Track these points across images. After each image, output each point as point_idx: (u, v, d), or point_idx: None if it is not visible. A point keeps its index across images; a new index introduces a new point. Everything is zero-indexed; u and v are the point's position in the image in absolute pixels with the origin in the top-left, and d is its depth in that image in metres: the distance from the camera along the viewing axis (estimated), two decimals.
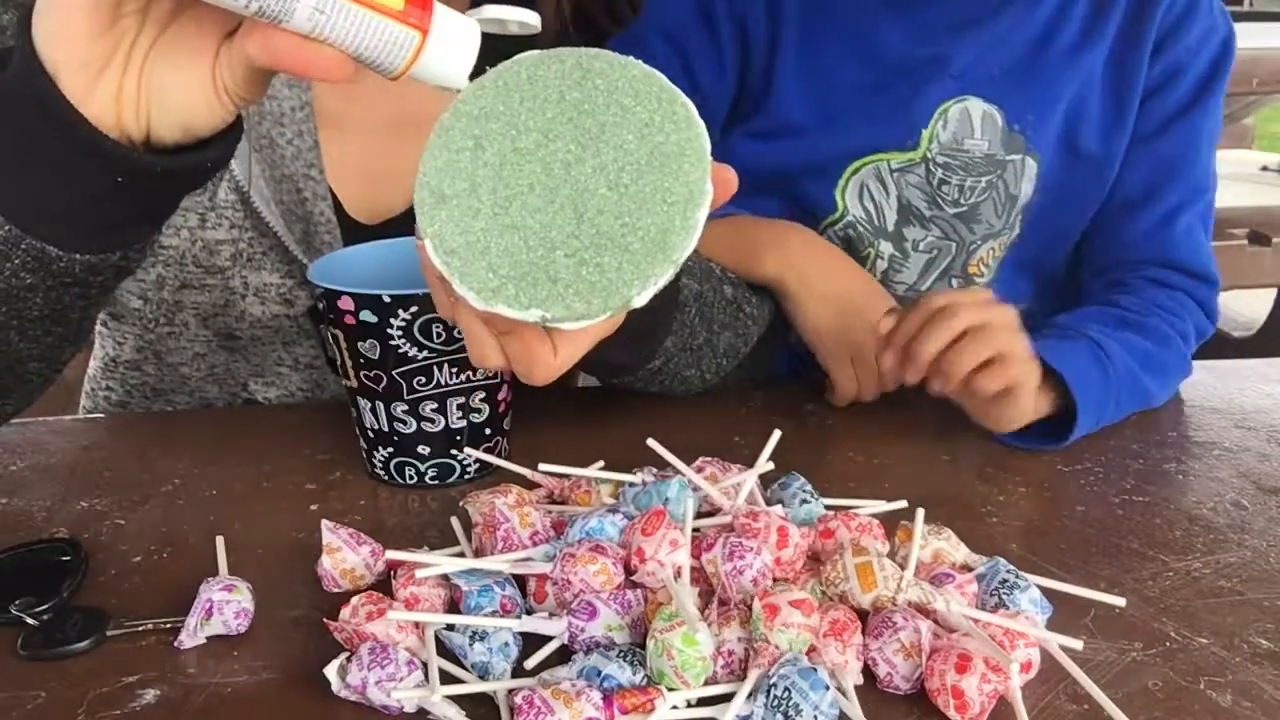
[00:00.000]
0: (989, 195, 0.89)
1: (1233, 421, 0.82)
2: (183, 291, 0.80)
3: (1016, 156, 0.89)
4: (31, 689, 0.51)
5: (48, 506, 0.69)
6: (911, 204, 0.90)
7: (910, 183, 0.90)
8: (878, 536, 0.57)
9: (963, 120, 0.88)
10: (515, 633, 0.52)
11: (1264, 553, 0.63)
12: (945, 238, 0.91)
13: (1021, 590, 0.54)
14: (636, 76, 0.45)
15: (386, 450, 0.69)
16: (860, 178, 0.90)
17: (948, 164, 0.88)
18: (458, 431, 0.69)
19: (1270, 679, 0.51)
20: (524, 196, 0.44)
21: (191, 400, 0.87)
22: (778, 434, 0.63)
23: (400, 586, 0.55)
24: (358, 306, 0.64)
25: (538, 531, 0.59)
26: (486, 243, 0.44)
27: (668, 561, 0.53)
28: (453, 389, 0.67)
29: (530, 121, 0.45)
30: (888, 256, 0.92)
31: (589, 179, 0.44)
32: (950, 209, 0.90)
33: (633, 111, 0.45)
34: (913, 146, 0.89)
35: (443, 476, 0.70)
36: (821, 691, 0.46)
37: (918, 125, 0.88)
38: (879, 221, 0.91)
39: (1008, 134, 0.88)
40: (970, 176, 0.88)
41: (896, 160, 0.89)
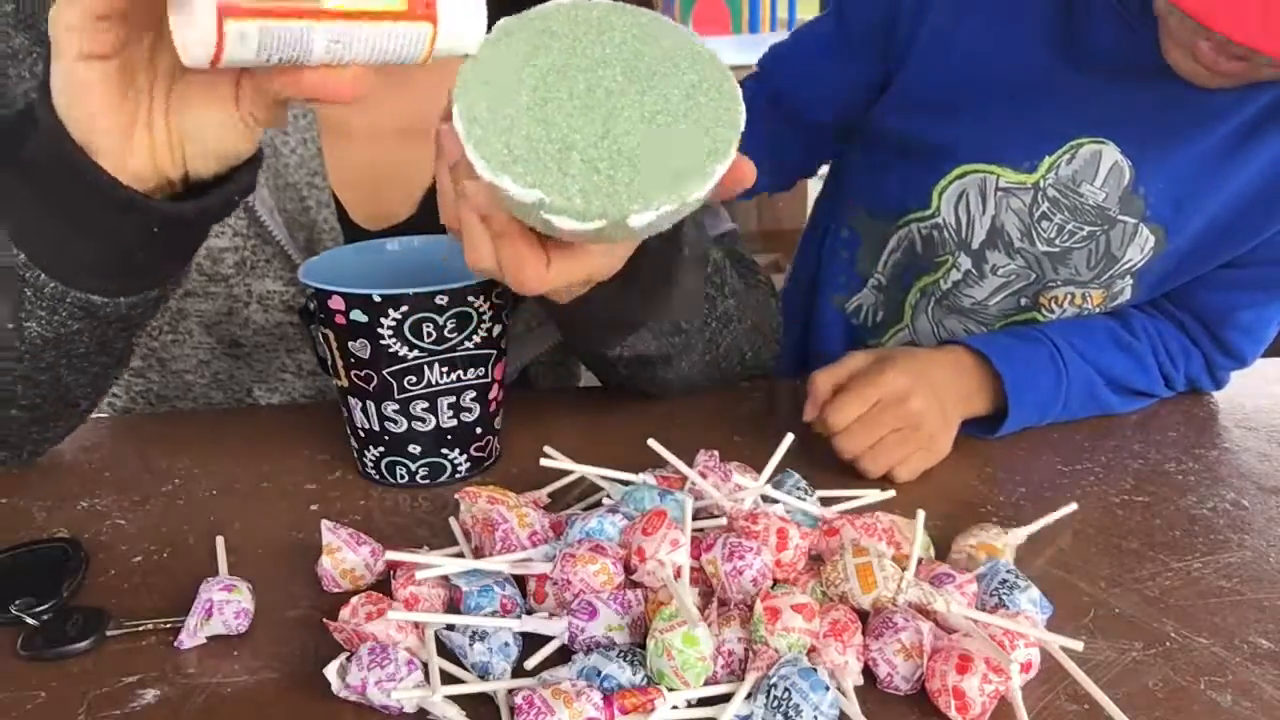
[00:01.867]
0: (1087, 245, 0.83)
1: (1233, 421, 0.82)
2: (186, 299, 0.80)
3: (1131, 219, 0.81)
4: (31, 689, 0.51)
5: (48, 506, 0.69)
6: (1004, 228, 0.85)
7: (1011, 206, 0.84)
8: (881, 537, 0.57)
9: (1090, 163, 0.81)
10: (515, 633, 0.52)
11: (1264, 553, 0.63)
12: (1027, 268, 0.86)
13: (1021, 590, 0.54)
14: (699, 49, 0.49)
15: (377, 450, 0.70)
16: (963, 184, 0.85)
17: (1056, 200, 0.82)
18: (449, 431, 0.69)
19: (1270, 679, 0.51)
20: (561, 101, 0.47)
21: (196, 406, 0.87)
22: (790, 438, 0.63)
23: (400, 586, 0.55)
24: (348, 306, 0.64)
25: (536, 532, 0.59)
26: (511, 124, 0.46)
27: (668, 561, 0.53)
28: (443, 388, 0.67)
29: (589, 49, 0.48)
30: (964, 271, 0.88)
31: (627, 108, 0.47)
32: (1042, 245, 0.84)
33: (685, 72, 0.48)
34: (1029, 170, 0.82)
35: (434, 476, 0.70)
36: (821, 692, 0.46)
37: (1044, 151, 0.82)
38: (966, 234, 0.87)
39: (1129, 194, 0.81)
40: (1074, 220, 0.82)
41: (1007, 178, 0.83)
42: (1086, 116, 0.80)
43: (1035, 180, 0.82)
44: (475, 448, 0.71)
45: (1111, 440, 0.78)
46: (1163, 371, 0.84)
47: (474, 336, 0.66)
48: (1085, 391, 0.80)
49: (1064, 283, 0.85)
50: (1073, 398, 0.79)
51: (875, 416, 0.71)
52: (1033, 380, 0.78)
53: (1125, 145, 0.80)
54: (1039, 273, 0.86)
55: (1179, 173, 0.80)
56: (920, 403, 0.72)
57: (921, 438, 0.71)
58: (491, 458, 0.73)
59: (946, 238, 0.88)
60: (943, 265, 0.89)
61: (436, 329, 0.64)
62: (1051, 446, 0.77)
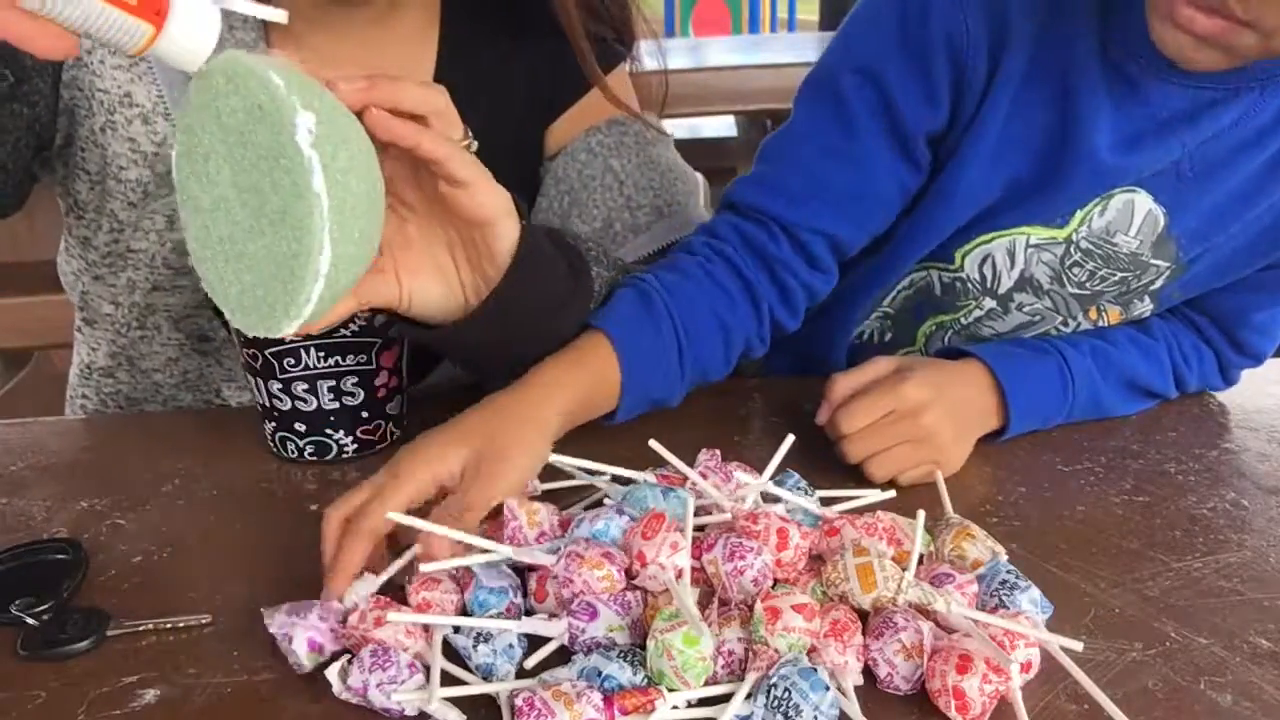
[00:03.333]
0: (1118, 288, 0.81)
1: (1233, 421, 0.82)
2: (154, 294, 0.81)
3: (1163, 263, 0.79)
4: (31, 689, 0.51)
5: (48, 506, 0.69)
6: (1034, 277, 0.81)
7: (1042, 259, 0.80)
8: (882, 537, 0.57)
9: (1123, 212, 0.77)
10: (518, 634, 0.52)
11: (1264, 553, 0.63)
12: (1054, 310, 0.83)
13: (1022, 591, 0.54)
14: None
15: (271, 424, 0.74)
16: (989, 248, 0.81)
17: (1089, 251, 0.79)
18: (331, 412, 0.72)
19: (1270, 679, 0.51)
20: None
21: (164, 409, 0.87)
22: (791, 439, 0.63)
23: (413, 591, 0.55)
24: None
25: (544, 532, 0.59)
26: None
27: (669, 564, 0.53)
28: (321, 372, 0.71)
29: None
30: (986, 309, 0.85)
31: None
32: (1072, 289, 0.81)
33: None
34: (1061, 225, 0.78)
35: (320, 453, 0.74)
36: (821, 692, 0.46)
37: (1075, 206, 0.77)
38: (991, 285, 0.83)
39: (1164, 238, 0.78)
40: (1106, 268, 0.80)
41: (1038, 235, 0.79)
42: (1125, 172, 0.76)
43: (1068, 235, 0.79)
44: (362, 430, 0.74)
45: (1111, 440, 0.78)
46: (1176, 373, 0.84)
47: (350, 324, 0.69)
48: (1090, 402, 0.80)
49: (1084, 310, 0.84)
50: (1076, 408, 0.79)
51: (886, 427, 0.70)
52: (1040, 397, 0.77)
53: (1158, 193, 0.77)
54: (1065, 313, 0.84)
55: (1208, 212, 0.77)
56: (933, 418, 0.71)
57: (931, 450, 0.71)
58: (386, 441, 0.76)
59: (970, 288, 0.84)
60: (965, 308, 0.85)
61: None
62: (1051, 446, 0.77)
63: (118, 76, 0.75)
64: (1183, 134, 0.73)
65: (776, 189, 0.79)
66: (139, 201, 0.78)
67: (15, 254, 1.89)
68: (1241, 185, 0.76)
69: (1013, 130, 0.75)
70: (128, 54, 0.48)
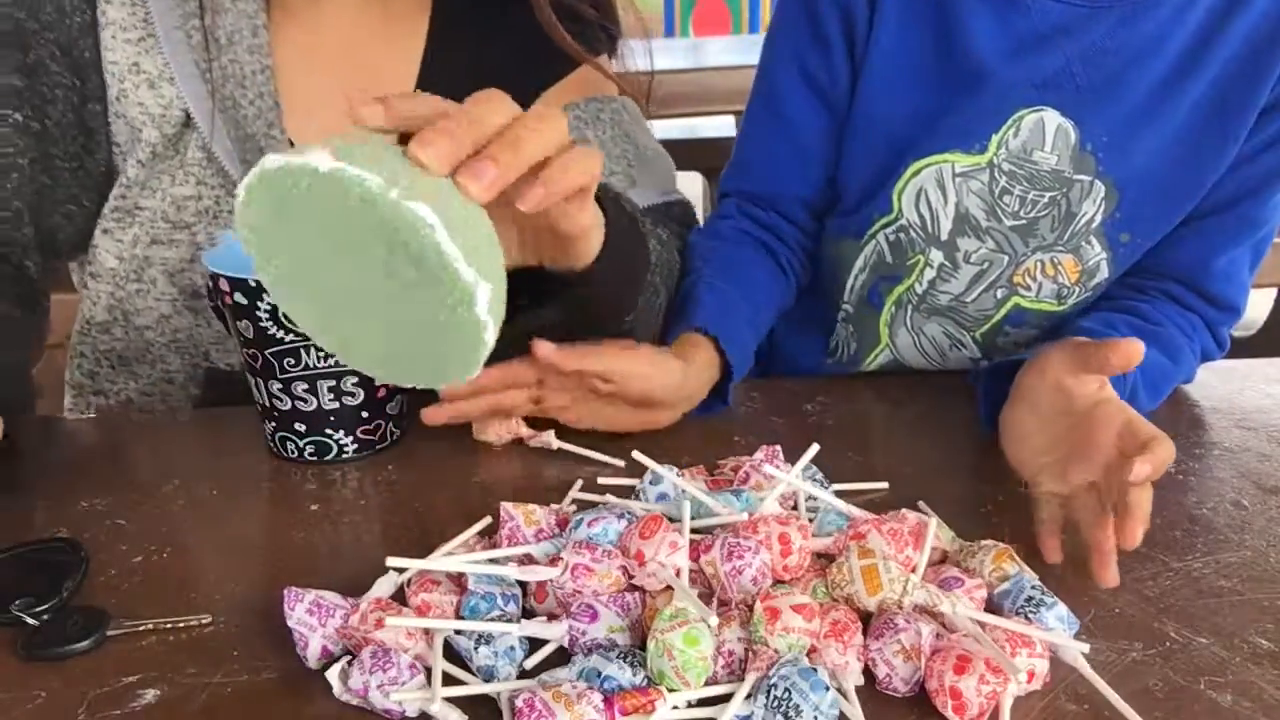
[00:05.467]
0: (1049, 211, 0.85)
1: (1233, 421, 0.82)
2: (152, 247, 0.84)
3: (1085, 177, 0.84)
4: (31, 689, 0.51)
5: (48, 506, 0.69)
6: (969, 213, 0.86)
7: (971, 189, 0.85)
8: (908, 541, 0.56)
9: (1035, 130, 0.83)
10: (519, 636, 0.52)
11: (1264, 553, 0.63)
12: (998, 250, 0.87)
13: (1049, 607, 0.53)
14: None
15: (271, 424, 0.73)
16: (920, 181, 0.87)
17: (1013, 173, 0.84)
18: (331, 412, 0.72)
19: (1270, 679, 0.51)
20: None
21: (153, 371, 0.89)
22: (815, 448, 0.62)
23: (412, 594, 0.55)
24: (231, 289, 0.67)
25: (543, 529, 0.59)
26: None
27: (668, 564, 0.53)
28: (321, 372, 0.70)
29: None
30: (937, 265, 0.89)
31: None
32: (1009, 220, 0.86)
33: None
34: (980, 150, 0.85)
35: (320, 454, 0.73)
36: (822, 692, 0.46)
37: (989, 129, 0.84)
38: (933, 229, 0.88)
39: (1079, 153, 0.83)
40: (1034, 189, 0.84)
41: (962, 163, 0.85)
42: (1025, 88, 0.83)
43: (989, 159, 0.85)
44: (362, 430, 0.73)
45: None
46: (1189, 347, 0.84)
47: None
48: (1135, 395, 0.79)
49: (1033, 251, 0.87)
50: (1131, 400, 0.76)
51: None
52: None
53: (1063, 107, 0.83)
54: (1010, 252, 0.87)
55: (1117, 122, 0.83)
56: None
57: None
58: (387, 441, 0.75)
59: (914, 236, 0.88)
60: (915, 267, 0.89)
61: None
62: None
63: (126, 49, 0.79)
64: (1063, 43, 0.82)
65: (744, 168, 0.93)
66: (148, 161, 0.81)
67: None
68: (1144, 97, 0.82)
69: (902, 55, 0.85)
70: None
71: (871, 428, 0.81)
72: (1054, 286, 0.88)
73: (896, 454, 0.76)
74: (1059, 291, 0.88)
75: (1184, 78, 0.81)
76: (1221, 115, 0.82)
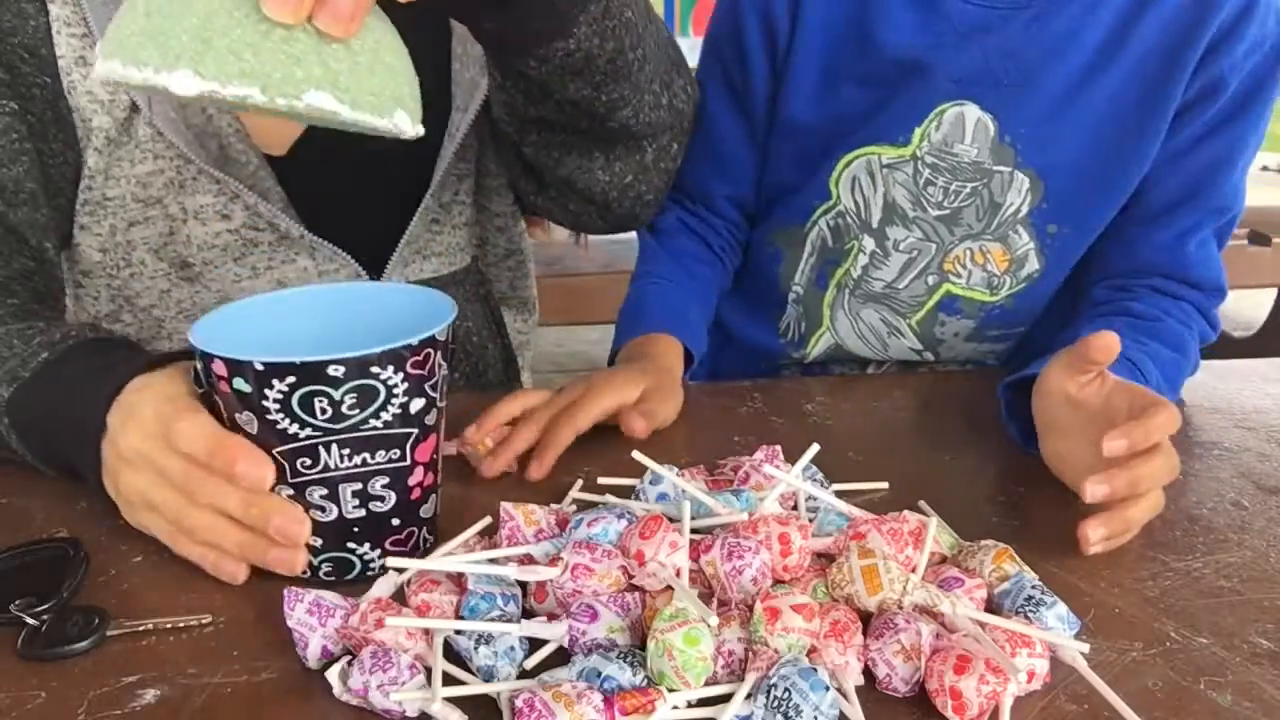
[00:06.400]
0: (973, 202, 0.89)
1: (1233, 421, 0.82)
2: (131, 230, 0.85)
3: (1005, 168, 0.88)
4: (31, 689, 0.51)
5: (48, 506, 0.69)
6: (896, 202, 0.90)
7: (897, 180, 0.90)
8: (908, 541, 0.56)
9: (956, 124, 0.87)
10: (519, 636, 0.52)
11: (1264, 553, 0.63)
12: (925, 239, 0.91)
13: (1048, 607, 0.53)
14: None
15: None
16: (853, 170, 0.91)
17: (935, 165, 0.88)
18: (355, 522, 0.58)
19: (1270, 679, 0.51)
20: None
21: (172, 345, 0.90)
22: (815, 448, 0.62)
23: (412, 594, 0.55)
24: (230, 373, 0.55)
25: (542, 530, 0.59)
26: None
27: (668, 563, 0.53)
28: (344, 474, 0.57)
29: None
30: (869, 252, 0.93)
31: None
32: (933, 211, 0.90)
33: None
34: (904, 143, 0.89)
35: (340, 573, 0.60)
36: (821, 692, 0.46)
37: (912, 123, 0.88)
38: (865, 215, 0.92)
39: (998, 145, 0.87)
40: (956, 181, 0.88)
41: (888, 155, 0.89)
42: (945, 83, 0.87)
43: (912, 151, 0.89)
44: (392, 541, 0.60)
45: None
46: (1189, 334, 0.85)
47: (382, 414, 0.56)
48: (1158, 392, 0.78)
49: (961, 239, 0.91)
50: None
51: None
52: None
53: (982, 102, 0.87)
54: (938, 240, 0.91)
55: (1036, 117, 0.86)
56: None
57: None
58: (419, 550, 0.62)
59: (850, 222, 0.93)
60: (850, 251, 0.94)
61: (332, 404, 0.54)
62: None
63: (72, 43, 0.79)
64: (981, 41, 0.86)
65: (686, 168, 0.96)
66: (104, 148, 0.82)
67: None
68: (1060, 91, 0.86)
69: (825, 58, 0.90)
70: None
71: (871, 428, 0.81)
72: (984, 274, 0.92)
73: (896, 454, 0.76)
74: (989, 280, 0.92)
75: (1099, 72, 0.85)
76: (1139, 109, 0.85)
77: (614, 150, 0.85)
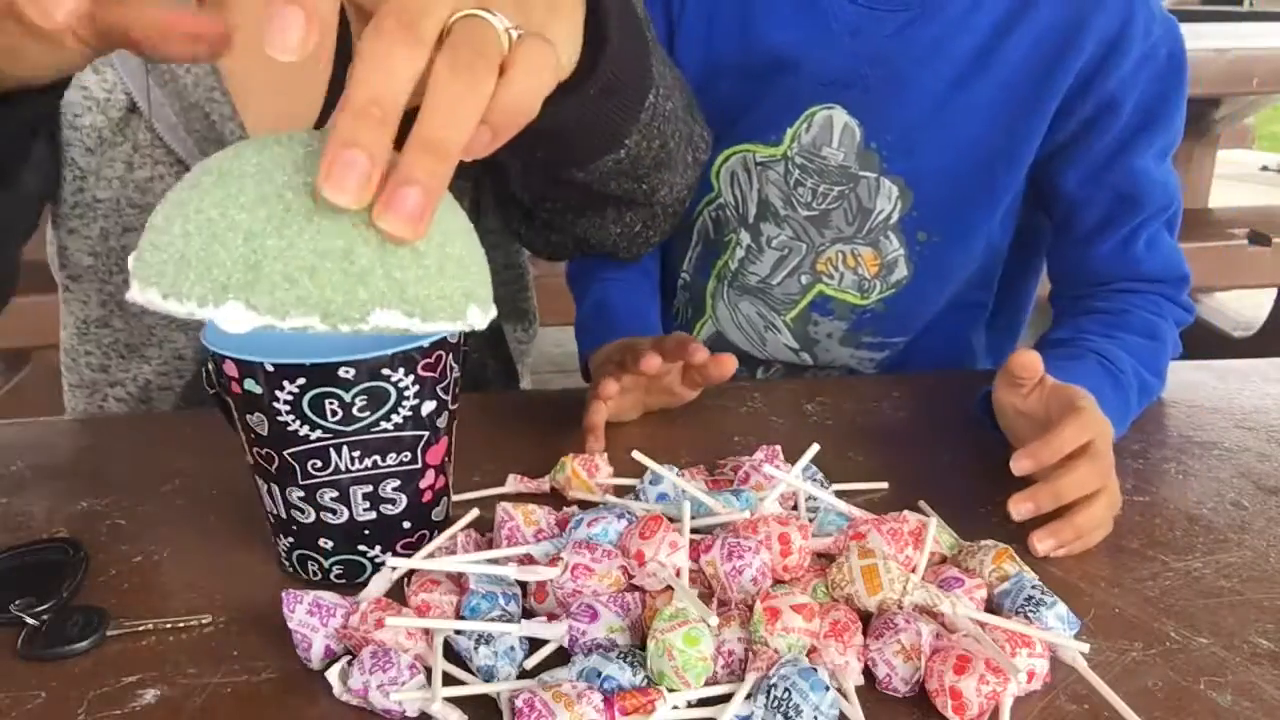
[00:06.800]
0: (840, 205, 0.91)
1: (1233, 421, 0.82)
2: (127, 235, 0.85)
3: (871, 174, 0.89)
4: (31, 689, 0.51)
5: (48, 506, 0.69)
6: (769, 200, 0.93)
7: (770, 179, 0.92)
8: (908, 541, 0.56)
9: (824, 127, 0.89)
10: (519, 636, 0.52)
11: (1264, 553, 0.63)
12: (796, 238, 0.93)
13: (1048, 606, 0.53)
14: None
15: (287, 540, 0.60)
16: (731, 165, 0.93)
17: (805, 166, 0.90)
18: (365, 525, 0.58)
19: (1270, 679, 0.51)
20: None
21: (162, 352, 0.90)
22: (815, 447, 0.62)
23: (412, 594, 0.55)
24: (241, 374, 0.55)
25: (542, 529, 0.59)
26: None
27: (668, 563, 0.53)
28: (356, 476, 0.57)
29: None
30: (745, 246, 0.95)
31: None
32: (803, 211, 0.92)
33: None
34: (776, 142, 0.91)
35: (350, 575, 0.59)
36: (822, 692, 0.46)
37: (784, 123, 0.90)
38: (742, 210, 0.94)
39: (863, 150, 0.89)
40: (824, 183, 0.90)
41: (761, 153, 0.92)
42: (815, 85, 0.88)
43: (783, 152, 0.91)
44: (403, 544, 0.60)
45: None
46: (1160, 319, 0.85)
47: (393, 416, 0.56)
48: (1141, 386, 0.79)
49: (832, 243, 0.92)
50: (1131, 389, 0.78)
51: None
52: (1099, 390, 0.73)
53: (851, 107, 0.88)
54: (808, 241, 0.93)
55: (904, 124, 0.88)
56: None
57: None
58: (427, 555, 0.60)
59: (729, 215, 0.95)
60: (729, 244, 0.96)
61: (343, 406, 0.54)
62: None
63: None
64: (852, 44, 0.87)
65: None
66: (96, 148, 0.81)
67: None
68: (930, 100, 0.87)
69: (706, 46, 0.91)
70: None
71: (871, 428, 0.81)
72: (855, 278, 0.93)
73: (896, 454, 0.76)
74: (860, 283, 0.93)
75: (971, 80, 0.86)
76: (1009, 122, 0.86)
77: (631, 207, 0.83)
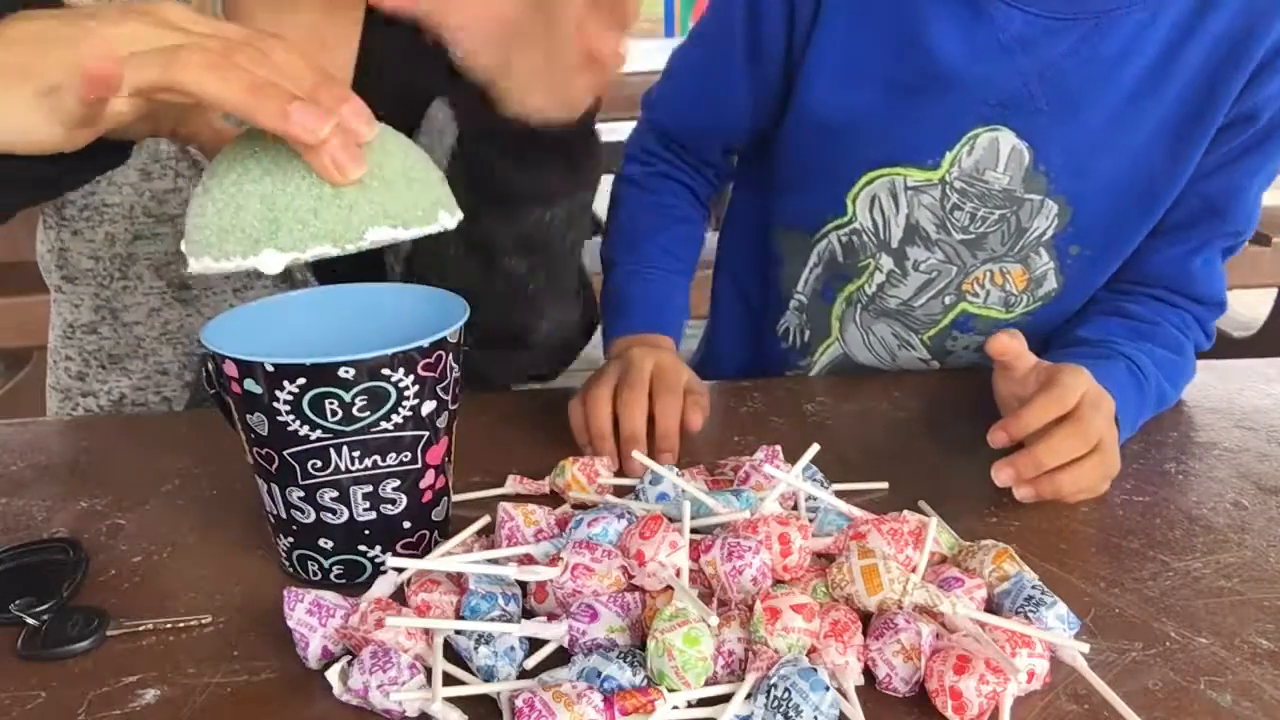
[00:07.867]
0: (999, 227, 0.86)
1: (1233, 421, 0.82)
2: (136, 244, 0.84)
3: (1036, 196, 0.84)
4: (31, 689, 0.51)
5: (48, 506, 0.69)
6: (920, 225, 0.87)
7: (922, 203, 0.86)
8: (908, 541, 0.56)
9: (989, 150, 0.83)
10: (519, 636, 0.52)
11: (1264, 553, 0.63)
12: (947, 261, 0.88)
13: (1048, 606, 0.53)
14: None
15: (287, 540, 0.60)
16: (873, 189, 0.87)
17: (964, 190, 0.84)
18: (365, 525, 0.58)
19: (1270, 679, 0.51)
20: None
21: (146, 365, 0.89)
22: (815, 448, 0.62)
23: (412, 594, 0.55)
24: (241, 374, 0.55)
25: (542, 530, 0.59)
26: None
27: (668, 563, 0.53)
28: (356, 476, 0.57)
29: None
30: (886, 271, 0.90)
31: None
32: (959, 234, 0.86)
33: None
34: (933, 166, 0.85)
35: (350, 575, 0.60)
36: (822, 692, 0.46)
37: (944, 146, 0.84)
38: (884, 235, 0.88)
39: (1031, 173, 0.83)
40: (984, 207, 0.85)
41: (914, 177, 0.85)
42: (981, 106, 0.82)
43: (941, 176, 0.85)
44: (404, 544, 0.60)
45: None
46: (1186, 338, 0.86)
47: (393, 416, 0.56)
48: (1158, 393, 0.80)
49: (982, 263, 0.88)
50: (1150, 403, 0.79)
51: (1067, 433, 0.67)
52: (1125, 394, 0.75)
53: (1020, 129, 0.83)
54: (959, 263, 0.88)
55: (1074, 145, 0.83)
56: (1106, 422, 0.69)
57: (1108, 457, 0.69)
58: (428, 555, 0.60)
59: (866, 241, 0.89)
60: (865, 269, 0.91)
61: (343, 406, 0.54)
62: None
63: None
64: (1023, 60, 0.80)
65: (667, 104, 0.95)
66: None
67: (15, 254, 1.89)
68: (1103, 120, 0.82)
69: (852, 52, 0.84)
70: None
71: (871, 428, 0.81)
72: (1001, 294, 0.90)
73: (896, 454, 0.76)
74: (1006, 299, 0.90)
75: (1145, 98, 0.81)
76: (1177, 136, 0.82)
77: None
